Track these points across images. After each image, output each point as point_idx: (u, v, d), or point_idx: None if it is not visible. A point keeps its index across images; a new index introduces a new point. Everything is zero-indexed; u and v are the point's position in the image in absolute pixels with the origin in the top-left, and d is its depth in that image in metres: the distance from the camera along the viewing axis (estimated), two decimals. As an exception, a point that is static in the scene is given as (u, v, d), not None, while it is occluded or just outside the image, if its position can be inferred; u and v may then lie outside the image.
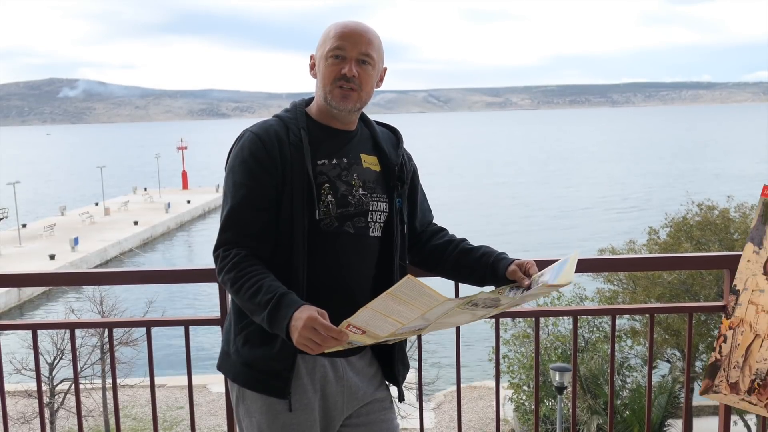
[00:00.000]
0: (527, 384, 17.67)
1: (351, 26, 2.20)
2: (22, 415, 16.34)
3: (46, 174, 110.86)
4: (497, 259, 2.30)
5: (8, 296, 34.47)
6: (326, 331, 1.89)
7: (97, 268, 32.50)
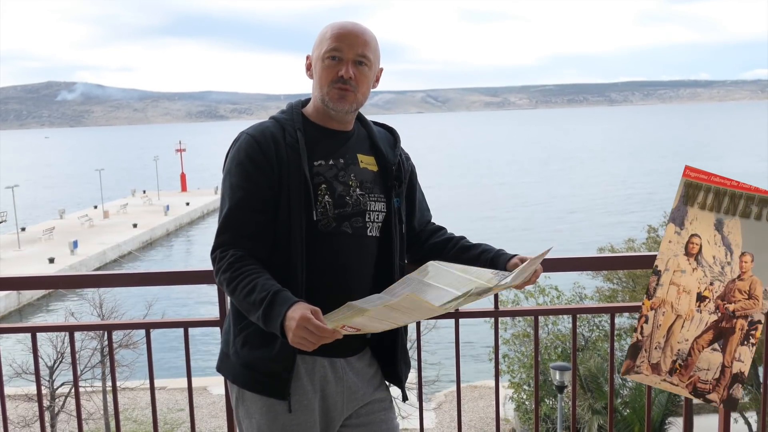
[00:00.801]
0: (528, 383, 17.68)
1: (347, 27, 2.20)
2: (23, 419, 16.33)
3: (44, 177, 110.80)
4: (497, 255, 2.31)
5: (8, 300, 34.44)
6: (319, 332, 1.90)
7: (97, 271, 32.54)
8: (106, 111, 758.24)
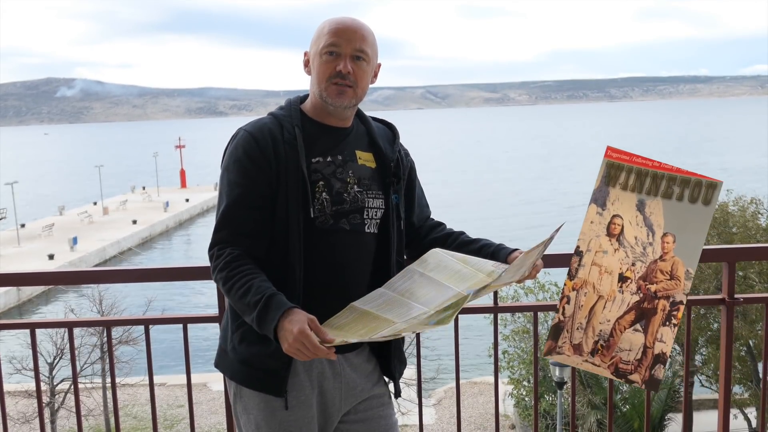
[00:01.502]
0: (527, 379, 17.69)
1: (345, 22, 2.19)
2: (23, 415, 16.35)
3: (44, 174, 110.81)
4: (497, 249, 2.31)
5: (7, 296, 34.47)
6: (314, 349, 1.92)
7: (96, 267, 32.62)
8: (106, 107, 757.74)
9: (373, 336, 1.93)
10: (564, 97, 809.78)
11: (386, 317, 2.00)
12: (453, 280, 2.10)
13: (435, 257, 2.22)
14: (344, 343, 1.94)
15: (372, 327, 1.97)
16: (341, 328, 2.00)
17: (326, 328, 1.99)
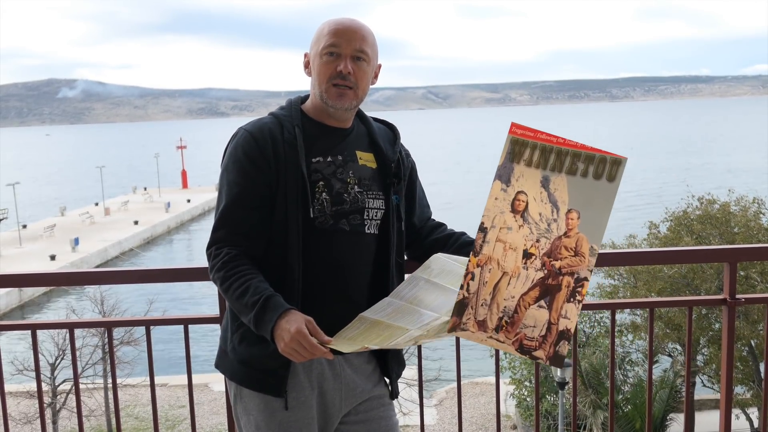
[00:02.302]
0: (529, 380, 17.70)
1: (345, 23, 2.19)
2: (25, 416, 16.36)
3: (45, 175, 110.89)
4: None
5: (9, 297, 34.49)
6: (311, 349, 1.93)
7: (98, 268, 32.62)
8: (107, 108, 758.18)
9: (390, 343, 1.94)
10: (565, 97, 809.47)
11: (399, 325, 2.00)
12: (458, 284, 2.10)
13: (438, 263, 2.22)
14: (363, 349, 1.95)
15: (386, 335, 1.97)
16: (354, 339, 2.00)
17: (338, 339, 1.99)
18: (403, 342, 1.95)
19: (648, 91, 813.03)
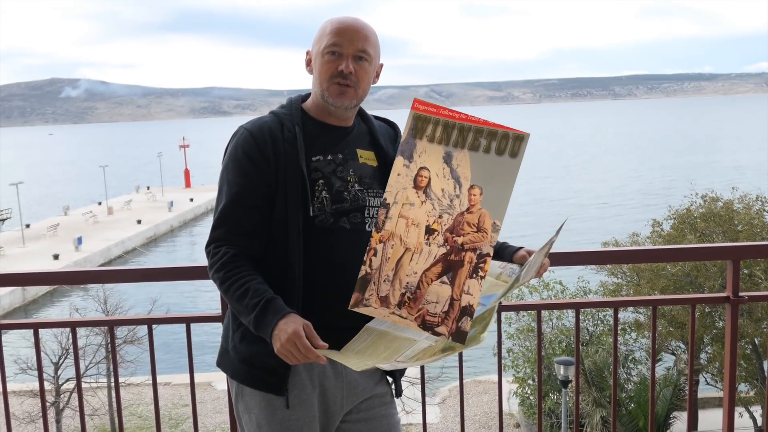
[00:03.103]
0: (532, 378, 17.69)
1: (347, 22, 2.19)
2: (28, 415, 16.39)
3: (49, 174, 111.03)
4: (502, 248, 2.30)
5: (12, 296, 34.54)
6: (305, 351, 1.94)
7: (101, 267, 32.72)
8: (110, 107, 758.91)
9: (398, 358, 1.93)
10: (568, 95, 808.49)
11: (406, 336, 2.00)
12: None
13: None
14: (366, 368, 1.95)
15: (394, 348, 1.97)
16: (362, 352, 1.99)
17: (346, 353, 1.99)
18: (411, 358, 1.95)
19: (651, 89, 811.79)
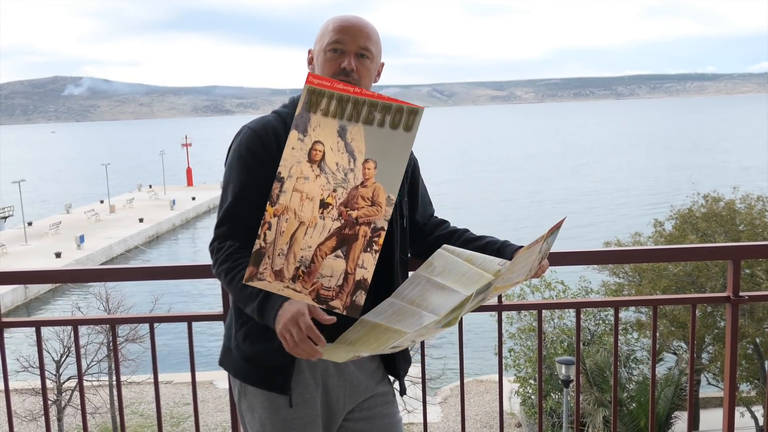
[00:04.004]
0: (533, 377, 17.70)
1: (349, 20, 2.20)
2: (30, 413, 16.42)
3: (51, 172, 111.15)
4: (502, 246, 2.31)
5: (14, 294, 34.57)
6: (307, 330, 1.92)
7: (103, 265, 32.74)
8: (113, 105, 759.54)
9: (384, 348, 1.94)
10: (571, 94, 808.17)
11: (397, 328, 2.00)
12: (461, 284, 2.09)
13: (441, 260, 2.21)
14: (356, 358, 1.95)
15: (383, 340, 1.96)
16: (354, 343, 2.00)
17: (339, 344, 1.99)
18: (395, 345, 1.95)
19: (654, 88, 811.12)
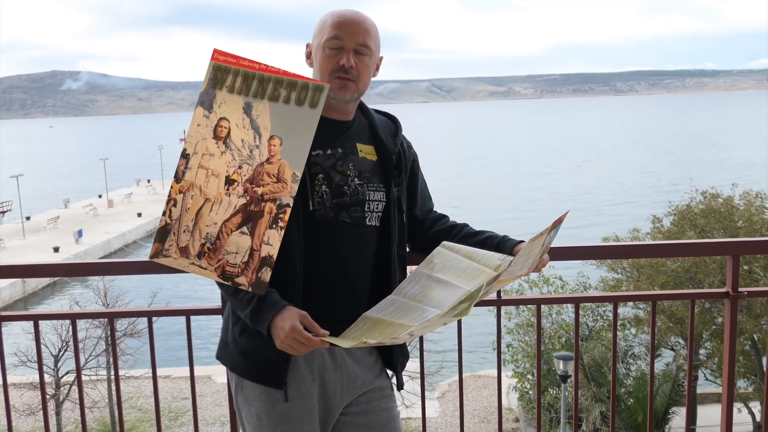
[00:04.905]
0: (531, 373, 17.72)
1: (348, 15, 2.18)
2: (28, 407, 16.41)
3: (49, 167, 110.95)
4: (502, 241, 2.30)
5: (13, 289, 34.56)
6: (308, 343, 1.95)
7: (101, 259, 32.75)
8: (111, 100, 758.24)
9: (391, 339, 1.93)
10: (570, 90, 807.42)
11: (401, 322, 1.99)
12: (462, 279, 2.09)
13: (441, 257, 2.20)
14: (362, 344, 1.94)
15: (388, 333, 1.96)
16: (357, 338, 2.00)
17: (341, 340, 1.99)
18: (401, 335, 1.94)
19: (653, 84, 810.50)
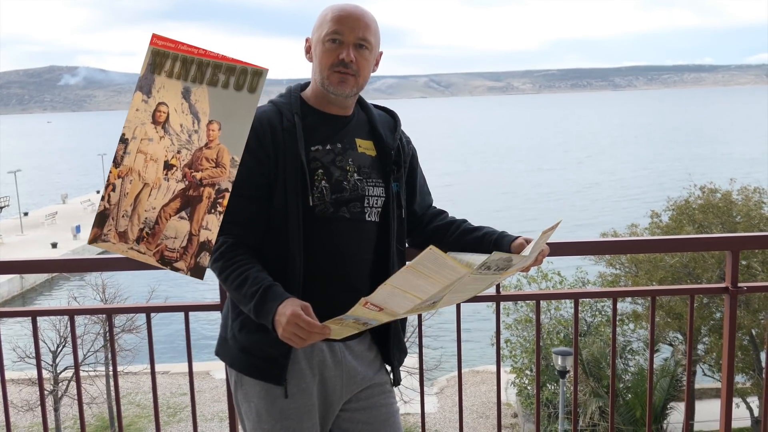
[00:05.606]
0: (530, 368, 17.74)
1: (348, 10, 2.17)
2: (26, 403, 16.42)
3: (47, 162, 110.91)
4: (500, 237, 2.30)
5: (10, 285, 34.54)
6: (309, 327, 1.92)
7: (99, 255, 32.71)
8: (109, 95, 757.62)
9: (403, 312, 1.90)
10: (568, 85, 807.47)
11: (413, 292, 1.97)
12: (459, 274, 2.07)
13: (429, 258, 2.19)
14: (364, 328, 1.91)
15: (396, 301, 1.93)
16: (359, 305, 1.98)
17: (343, 324, 1.98)
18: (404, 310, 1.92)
19: (651, 80, 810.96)
